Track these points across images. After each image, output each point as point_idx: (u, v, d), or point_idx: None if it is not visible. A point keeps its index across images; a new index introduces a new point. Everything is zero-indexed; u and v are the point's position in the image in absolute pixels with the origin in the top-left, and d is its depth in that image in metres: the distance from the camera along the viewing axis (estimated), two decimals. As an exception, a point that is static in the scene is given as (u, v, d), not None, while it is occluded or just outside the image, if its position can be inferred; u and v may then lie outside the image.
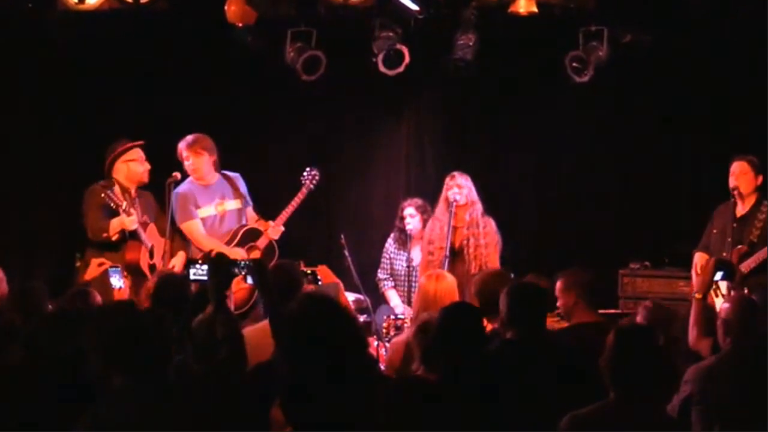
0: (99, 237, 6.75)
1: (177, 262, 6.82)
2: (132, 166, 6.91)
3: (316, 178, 7.28)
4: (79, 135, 8.15)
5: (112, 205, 6.64)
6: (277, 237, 7.09)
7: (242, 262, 4.39)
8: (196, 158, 7.03)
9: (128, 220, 6.68)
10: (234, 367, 3.76)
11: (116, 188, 6.71)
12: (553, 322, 5.33)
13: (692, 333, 4.88)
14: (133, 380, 3.31)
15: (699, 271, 5.33)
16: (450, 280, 5.68)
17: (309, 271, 5.05)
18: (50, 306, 5.13)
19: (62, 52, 7.87)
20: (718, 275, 5.20)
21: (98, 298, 5.21)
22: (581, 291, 5.03)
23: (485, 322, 4.75)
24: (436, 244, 7.23)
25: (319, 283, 5.85)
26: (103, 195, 6.65)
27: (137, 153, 6.94)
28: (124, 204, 6.65)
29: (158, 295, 5.00)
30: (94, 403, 3.35)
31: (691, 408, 4.30)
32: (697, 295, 4.98)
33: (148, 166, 6.96)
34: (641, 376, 3.62)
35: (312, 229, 8.60)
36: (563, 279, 5.11)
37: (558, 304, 5.14)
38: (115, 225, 6.72)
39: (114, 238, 6.73)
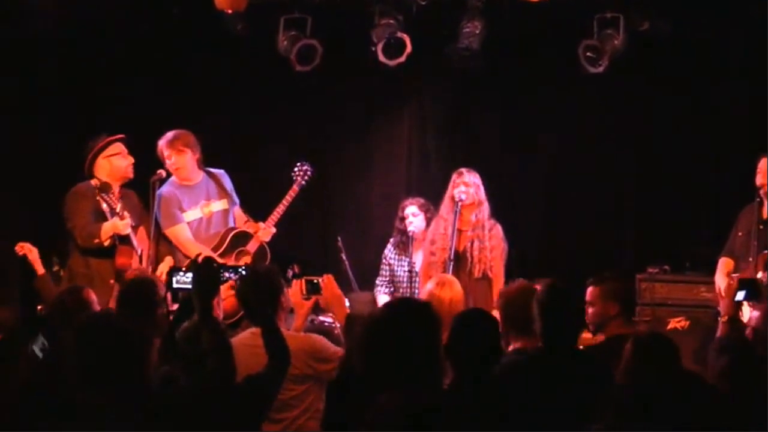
0: (90, 243, 6.66)
1: (164, 269, 6.76)
2: (114, 161, 6.86)
3: (309, 173, 7.25)
4: (57, 131, 8.14)
5: (105, 207, 6.60)
6: (268, 239, 7.06)
7: (237, 268, 4.38)
8: (178, 156, 7.00)
9: (122, 224, 6.60)
10: (222, 379, 3.75)
11: (111, 190, 6.67)
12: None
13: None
14: (109, 399, 3.32)
15: (723, 294, 5.34)
16: (459, 286, 5.67)
17: (315, 281, 5.03)
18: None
19: (39, 41, 7.85)
20: (740, 295, 5.18)
21: (92, 296, 5.19)
22: (624, 302, 5.00)
23: (510, 341, 4.78)
24: (438, 244, 7.21)
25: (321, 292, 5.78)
26: (98, 198, 6.62)
27: (119, 147, 6.88)
28: (119, 207, 6.62)
29: (125, 300, 4.99)
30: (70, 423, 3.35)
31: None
32: (723, 318, 4.98)
33: (131, 160, 6.91)
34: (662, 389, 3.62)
35: (307, 231, 8.60)
36: (605, 286, 5.05)
37: (590, 310, 5.07)
38: (108, 229, 6.63)
39: (106, 244, 6.67)
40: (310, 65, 7.87)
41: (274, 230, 7.09)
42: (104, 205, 6.61)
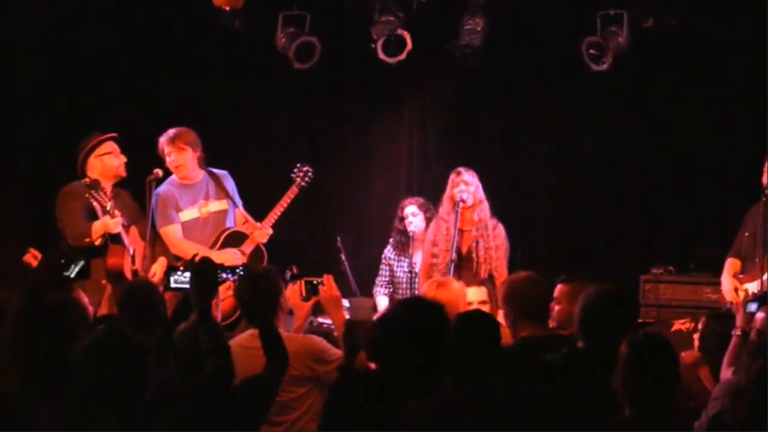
0: (81, 243, 6.64)
1: (157, 269, 6.75)
2: (106, 160, 6.84)
3: (309, 174, 7.21)
4: (51, 129, 8.12)
5: (96, 206, 6.59)
6: (264, 240, 7.01)
7: (235, 269, 4.37)
8: (178, 154, 6.98)
9: (112, 223, 6.60)
10: (220, 381, 3.74)
11: (102, 188, 6.65)
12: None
13: (727, 366, 4.87)
14: (108, 401, 3.35)
15: (739, 306, 5.41)
16: (456, 287, 5.63)
17: (315, 282, 5.01)
18: None
19: (33, 35, 7.84)
20: (752, 306, 5.18)
21: (83, 296, 5.18)
22: None
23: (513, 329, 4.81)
24: (441, 246, 7.15)
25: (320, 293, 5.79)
26: (87, 195, 6.60)
27: (111, 146, 6.87)
28: (109, 205, 6.60)
29: (126, 304, 4.98)
30: None
31: (719, 425, 4.28)
32: (737, 332, 4.99)
33: (124, 159, 6.89)
34: (658, 391, 3.62)
35: (306, 232, 8.58)
36: (573, 286, 5.08)
37: (556, 307, 5.12)
38: (98, 228, 6.62)
39: (97, 243, 6.66)
40: (309, 63, 7.86)
41: (270, 232, 7.03)
42: (95, 204, 6.60)
